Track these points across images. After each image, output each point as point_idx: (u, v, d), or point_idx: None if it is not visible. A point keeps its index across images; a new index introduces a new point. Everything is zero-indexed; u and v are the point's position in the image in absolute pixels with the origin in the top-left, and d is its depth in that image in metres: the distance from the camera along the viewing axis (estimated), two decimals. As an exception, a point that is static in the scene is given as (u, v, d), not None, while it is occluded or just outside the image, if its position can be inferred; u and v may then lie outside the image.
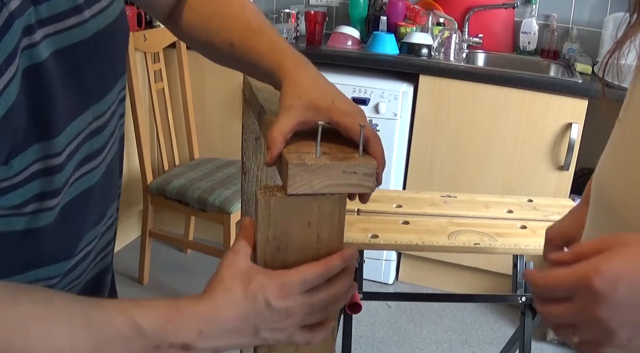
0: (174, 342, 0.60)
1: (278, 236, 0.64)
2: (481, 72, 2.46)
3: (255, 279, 0.62)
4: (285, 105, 0.67)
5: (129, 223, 2.93)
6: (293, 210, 0.63)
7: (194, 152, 2.75)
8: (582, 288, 0.53)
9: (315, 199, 0.63)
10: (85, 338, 0.57)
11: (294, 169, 0.61)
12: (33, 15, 0.56)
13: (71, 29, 0.61)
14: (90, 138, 0.68)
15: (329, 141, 0.66)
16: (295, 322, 0.63)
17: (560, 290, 0.56)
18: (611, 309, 0.53)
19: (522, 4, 2.77)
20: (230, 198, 2.36)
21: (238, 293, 0.61)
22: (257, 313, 0.61)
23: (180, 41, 2.62)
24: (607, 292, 0.52)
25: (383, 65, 2.51)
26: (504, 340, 2.09)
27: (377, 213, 1.57)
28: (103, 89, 0.69)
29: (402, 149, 2.55)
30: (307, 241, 0.65)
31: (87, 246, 0.74)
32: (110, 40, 0.68)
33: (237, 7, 0.78)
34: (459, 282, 2.69)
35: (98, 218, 0.75)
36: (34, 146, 0.58)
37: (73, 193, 0.67)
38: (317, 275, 0.63)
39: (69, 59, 0.61)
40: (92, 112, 0.67)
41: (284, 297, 0.61)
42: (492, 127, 2.43)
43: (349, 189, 0.63)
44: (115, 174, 0.79)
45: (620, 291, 0.52)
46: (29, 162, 0.58)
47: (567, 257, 0.57)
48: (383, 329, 2.49)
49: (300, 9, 2.91)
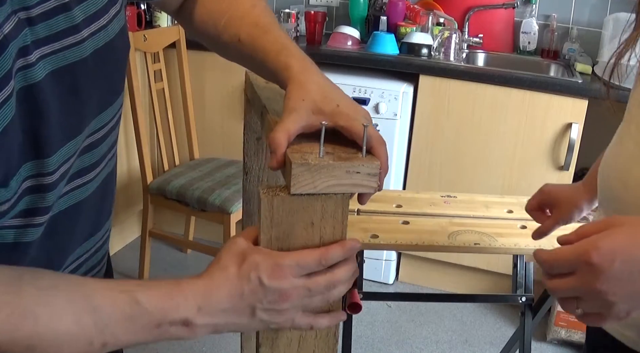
0: (175, 318, 0.61)
1: (281, 236, 0.64)
2: (481, 72, 2.46)
3: (250, 258, 0.62)
4: (289, 108, 0.66)
5: (129, 223, 2.93)
6: (296, 210, 0.63)
7: (194, 152, 2.75)
8: (583, 263, 0.59)
9: (319, 199, 0.63)
10: (90, 320, 0.58)
11: (297, 168, 0.61)
12: (29, 36, 0.56)
13: (68, 49, 0.60)
14: (84, 153, 0.67)
15: (333, 142, 0.66)
16: (293, 305, 0.63)
17: (564, 265, 0.61)
18: (609, 282, 0.58)
19: (522, 4, 2.77)
20: (230, 199, 2.36)
21: (232, 271, 0.62)
22: (251, 292, 0.62)
23: (180, 41, 2.63)
24: (605, 266, 0.57)
25: (383, 65, 2.51)
26: (504, 340, 2.09)
27: (377, 213, 1.57)
28: (101, 107, 0.69)
29: (402, 149, 2.55)
30: (310, 241, 0.65)
31: (78, 259, 0.74)
32: (109, 59, 0.68)
33: (247, 5, 0.78)
34: (459, 282, 2.69)
35: (90, 231, 0.75)
36: (27, 164, 0.58)
37: (62, 206, 0.67)
38: (314, 260, 0.63)
39: (67, 78, 0.61)
40: (88, 129, 0.67)
41: (277, 277, 0.61)
42: (492, 127, 2.43)
43: (353, 189, 0.63)
44: (111, 190, 0.79)
45: (616, 265, 0.57)
46: (21, 179, 0.58)
47: (571, 237, 0.62)
48: (383, 329, 2.49)
49: (300, 9, 2.91)
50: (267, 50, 0.73)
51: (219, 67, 2.69)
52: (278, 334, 0.69)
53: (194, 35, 0.85)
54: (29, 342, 0.56)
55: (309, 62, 0.71)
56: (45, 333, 0.57)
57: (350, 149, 0.65)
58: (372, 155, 0.65)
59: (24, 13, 0.55)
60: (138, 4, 2.79)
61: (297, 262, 0.62)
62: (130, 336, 0.60)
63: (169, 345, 2.30)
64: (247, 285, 0.62)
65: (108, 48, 0.66)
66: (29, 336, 0.56)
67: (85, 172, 0.69)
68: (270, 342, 0.69)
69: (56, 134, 0.60)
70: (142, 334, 0.61)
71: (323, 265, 0.63)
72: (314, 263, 0.63)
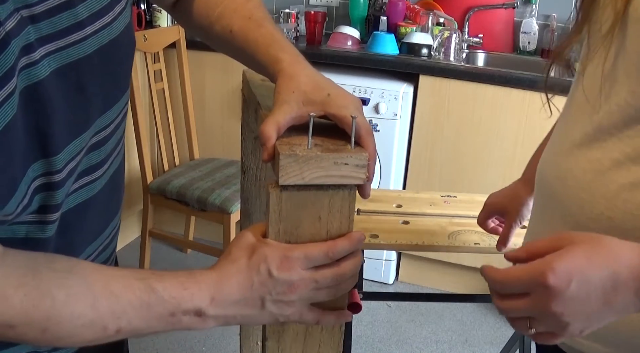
0: (188, 308, 0.61)
1: (288, 230, 0.65)
2: (481, 72, 2.46)
3: (259, 250, 0.63)
4: (279, 100, 0.66)
5: (129, 223, 2.93)
6: (304, 205, 0.64)
7: (194, 152, 2.75)
8: (538, 285, 0.57)
9: (326, 194, 0.64)
10: (105, 304, 0.59)
11: (285, 159, 0.61)
12: (32, 33, 0.56)
13: (72, 46, 0.60)
14: (91, 151, 0.68)
15: (323, 134, 0.66)
16: (301, 297, 0.64)
17: (517, 286, 0.60)
18: (564, 303, 0.57)
19: (522, 4, 2.77)
20: (230, 198, 2.36)
21: (242, 263, 0.63)
22: (260, 284, 0.62)
23: (180, 41, 2.63)
24: (561, 287, 0.56)
25: (383, 65, 2.51)
26: (504, 340, 2.09)
27: (377, 213, 1.57)
28: (107, 104, 0.69)
29: (402, 149, 2.55)
30: (317, 235, 0.65)
31: (89, 257, 0.74)
32: (114, 56, 0.68)
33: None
34: (459, 282, 2.69)
35: (100, 229, 0.75)
36: (35, 164, 0.58)
37: (72, 204, 0.67)
38: (321, 253, 0.63)
39: (72, 75, 0.61)
40: (95, 126, 0.67)
41: (286, 269, 0.62)
42: (492, 127, 2.43)
43: (341, 181, 0.63)
44: (120, 187, 0.79)
45: (572, 286, 0.56)
46: (30, 180, 0.58)
47: (521, 255, 0.61)
48: (383, 329, 2.49)
49: (300, 9, 2.91)
50: (258, 43, 0.73)
51: (219, 67, 2.69)
52: (284, 328, 0.69)
53: (189, 28, 0.85)
54: (45, 323, 0.56)
55: (300, 56, 0.71)
56: (61, 316, 0.57)
57: (339, 141, 0.65)
58: (360, 147, 0.64)
59: (26, 11, 0.55)
60: (138, 4, 2.79)
61: (305, 255, 0.63)
62: (144, 323, 0.61)
63: (170, 344, 2.30)
64: (257, 276, 0.62)
65: (113, 45, 0.66)
66: (46, 317, 0.56)
67: (92, 170, 0.69)
68: (276, 335, 0.69)
69: (62, 132, 0.60)
70: (156, 322, 0.61)
71: (330, 258, 0.64)
72: (321, 256, 0.63)
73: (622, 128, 0.68)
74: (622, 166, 0.68)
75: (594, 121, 0.72)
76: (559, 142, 0.79)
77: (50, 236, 0.64)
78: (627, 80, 0.67)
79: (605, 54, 0.70)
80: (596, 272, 0.56)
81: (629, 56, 0.68)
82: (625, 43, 0.68)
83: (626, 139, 0.67)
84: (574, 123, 0.75)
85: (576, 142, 0.74)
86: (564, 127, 0.79)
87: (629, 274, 0.56)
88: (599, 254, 0.57)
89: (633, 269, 0.56)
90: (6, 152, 0.54)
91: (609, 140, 0.69)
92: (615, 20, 0.68)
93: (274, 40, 0.72)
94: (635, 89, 0.67)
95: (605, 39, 0.69)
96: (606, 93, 0.70)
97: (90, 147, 0.67)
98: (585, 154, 0.72)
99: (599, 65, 0.71)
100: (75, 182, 0.66)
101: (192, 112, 2.71)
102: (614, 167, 0.69)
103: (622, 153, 0.68)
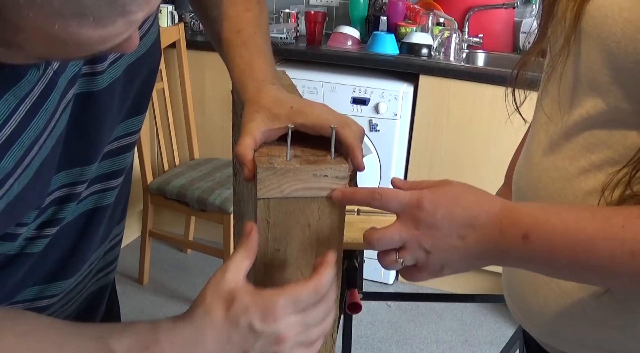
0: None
1: (278, 237, 0.64)
2: (481, 72, 2.46)
3: (238, 300, 0.56)
4: (245, 122, 0.65)
5: (129, 223, 2.93)
6: (293, 212, 0.63)
7: (194, 152, 2.75)
8: (411, 207, 0.62)
9: (315, 201, 0.63)
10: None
11: (262, 173, 0.60)
12: (80, 64, 0.56)
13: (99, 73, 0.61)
14: (104, 159, 0.68)
15: (304, 144, 0.65)
16: (290, 344, 0.58)
17: (393, 206, 0.64)
18: (428, 229, 0.62)
19: (522, 4, 2.77)
20: (230, 199, 2.36)
21: (218, 316, 0.56)
22: (241, 338, 0.56)
23: (180, 41, 2.62)
24: (428, 214, 0.62)
25: (383, 65, 2.51)
26: (504, 340, 2.09)
27: (377, 213, 1.57)
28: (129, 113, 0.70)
29: (402, 149, 2.55)
30: (307, 243, 0.64)
31: (91, 265, 0.74)
32: (142, 68, 0.68)
33: (241, 7, 0.77)
34: (459, 282, 2.69)
35: (103, 237, 0.75)
36: (60, 174, 0.59)
37: (79, 211, 0.67)
38: (310, 293, 0.58)
39: (129, 81, 0.63)
40: (114, 134, 0.68)
41: (271, 320, 0.56)
42: (492, 127, 2.43)
43: (321, 193, 0.62)
44: (125, 196, 0.79)
45: (438, 216, 0.62)
46: (51, 190, 0.58)
47: (405, 184, 0.66)
48: (383, 329, 2.49)
49: (300, 9, 2.91)
50: (234, 63, 0.73)
51: (219, 67, 2.67)
52: None
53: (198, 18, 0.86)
54: None
55: (269, 80, 0.70)
56: None
57: (319, 151, 0.64)
58: (341, 158, 0.63)
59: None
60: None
61: (293, 300, 0.57)
62: None
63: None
64: (236, 331, 0.56)
65: (142, 58, 0.67)
66: None
67: (110, 177, 0.69)
68: None
69: (105, 138, 0.61)
70: None
71: (320, 295, 0.59)
72: (311, 296, 0.58)
73: (588, 137, 0.70)
74: (588, 174, 0.70)
75: (559, 131, 0.74)
76: (531, 150, 0.81)
77: (36, 252, 0.63)
78: (589, 92, 0.69)
79: (562, 67, 0.72)
80: (459, 211, 0.62)
81: (585, 71, 0.69)
82: (580, 55, 0.70)
83: (591, 147, 0.70)
84: (544, 132, 0.78)
85: (546, 151, 0.76)
86: (535, 135, 0.81)
87: (486, 218, 0.62)
88: (466, 198, 0.63)
89: (490, 216, 0.62)
90: (51, 164, 0.55)
91: (574, 149, 0.72)
92: (569, 35, 0.70)
93: (248, 65, 0.71)
94: (596, 100, 0.68)
95: (561, 53, 0.72)
96: (569, 104, 0.72)
97: (105, 155, 0.67)
98: (553, 162, 0.75)
99: (560, 76, 0.73)
100: (87, 189, 0.66)
101: (192, 112, 2.71)
102: (580, 175, 0.71)
103: (587, 161, 0.70)
